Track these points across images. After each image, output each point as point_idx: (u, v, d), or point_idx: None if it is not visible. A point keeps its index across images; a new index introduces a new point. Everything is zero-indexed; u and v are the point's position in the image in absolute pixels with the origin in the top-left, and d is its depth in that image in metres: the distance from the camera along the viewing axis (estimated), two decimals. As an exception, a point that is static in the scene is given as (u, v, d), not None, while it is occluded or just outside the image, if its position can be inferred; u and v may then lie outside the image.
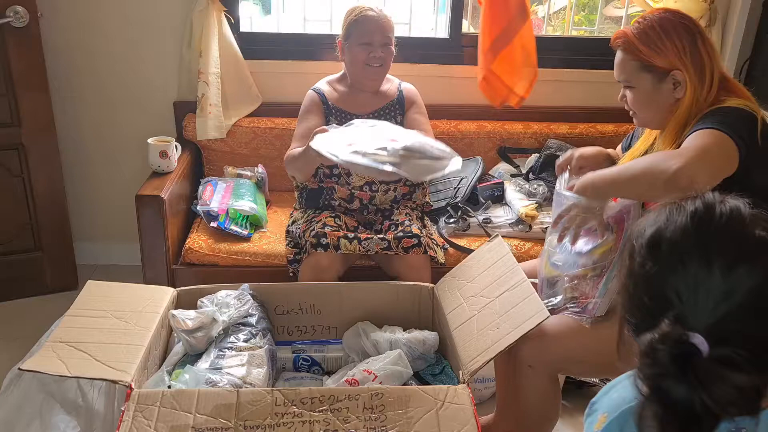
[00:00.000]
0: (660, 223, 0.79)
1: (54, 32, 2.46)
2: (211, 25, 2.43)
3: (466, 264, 1.73)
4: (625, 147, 1.80)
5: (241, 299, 1.63)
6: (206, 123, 2.49)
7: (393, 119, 2.17)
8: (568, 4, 4.11)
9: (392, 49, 2.12)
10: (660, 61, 1.47)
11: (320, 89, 2.20)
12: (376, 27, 2.07)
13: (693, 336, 0.70)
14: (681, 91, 1.47)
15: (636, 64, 1.50)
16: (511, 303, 1.47)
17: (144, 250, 2.15)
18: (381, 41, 2.08)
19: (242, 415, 1.26)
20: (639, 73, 1.50)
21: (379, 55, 2.08)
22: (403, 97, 2.21)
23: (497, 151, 2.67)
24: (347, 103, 2.18)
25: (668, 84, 1.48)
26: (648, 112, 1.55)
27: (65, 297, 2.07)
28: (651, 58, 1.47)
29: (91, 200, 2.74)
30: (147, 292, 1.65)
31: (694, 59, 1.46)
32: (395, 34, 2.14)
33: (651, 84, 1.50)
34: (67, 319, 1.49)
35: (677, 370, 0.70)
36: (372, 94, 2.19)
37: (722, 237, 0.75)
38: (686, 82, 1.46)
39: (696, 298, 0.73)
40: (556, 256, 1.60)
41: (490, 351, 1.39)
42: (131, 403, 1.27)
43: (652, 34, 1.47)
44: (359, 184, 2.13)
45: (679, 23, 1.48)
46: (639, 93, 1.53)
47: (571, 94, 2.72)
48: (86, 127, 2.64)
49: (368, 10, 2.09)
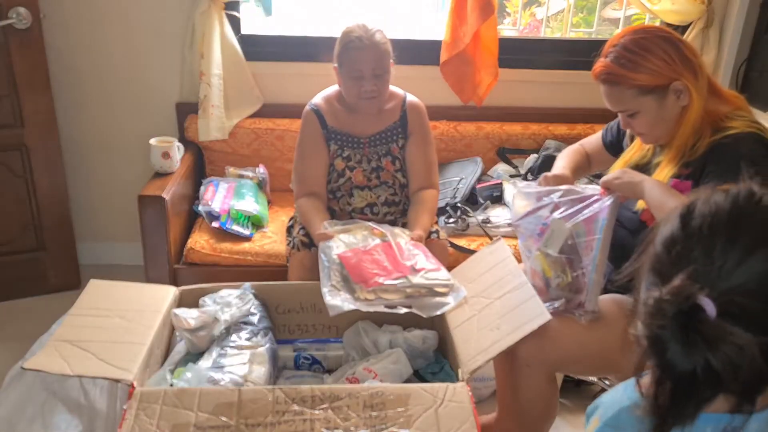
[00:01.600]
0: (700, 197, 0.80)
1: (56, 33, 2.48)
2: (213, 26, 2.45)
3: (467, 265, 1.74)
4: (609, 141, 1.80)
5: (242, 298, 1.64)
6: (208, 124, 2.50)
7: (394, 143, 2.06)
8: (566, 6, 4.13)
9: (387, 78, 1.97)
10: (655, 79, 1.44)
11: (319, 109, 2.05)
12: (365, 59, 1.91)
13: (702, 298, 0.71)
14: (686, 98, 1.45)
15: (632, 92, 1.46)
16: (513, 305, 1.48)
17: (146, 249, 2.17)
18: (372, 73, 1.92)
19: (243, 414, 1.27)
20: (639, 99, 1.47)
21: (371, 89, 1.93)
22: (406, 119, 2.07)
23: (496, 152, 2.69)
24: (346, 124, 2.04)
25: (671, 96, 1.45)
26: (659, 130, 1.51)
27: (68, 296, 2.08)
28: (645, 80, 1.45)
29: (93, 200, 2.75)
30: (149, 292, 1.67)
31: (685, 64, 1.44)
32: (392, 36, 2.02)
33: (655, 104, 1.47)
34: (69, 318, 1.50)
35: (679, 326, 0.70)
36: (374, 115, 2.04)
37: (752, 219, 0.76)
38: (688, 88, 1.44)
39: (711, 267, 0.73)
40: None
41: (491, 351, 1.40)
42: (133, 401, 1.28)
43: (636, 58, 1.44)
44: (360, 205, 2.04)
45: (656, 37, 1.46)
46: (646, 116, 1.49)
47: (569, 96, 2.73)
48: (89, 127, 2.65)
49: (357, 40, 1.91)
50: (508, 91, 2.67)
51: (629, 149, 1.69)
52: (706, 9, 2.52)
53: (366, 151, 2.05)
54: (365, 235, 1.80)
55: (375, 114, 2.05)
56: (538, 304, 1.44)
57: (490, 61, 2.53)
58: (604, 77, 1.49)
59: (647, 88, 1.45)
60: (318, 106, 2.06)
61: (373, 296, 1.59)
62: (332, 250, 1.72)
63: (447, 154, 2.64)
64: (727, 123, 1.44)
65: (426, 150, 2.09)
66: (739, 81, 2.65)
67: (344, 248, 1.73)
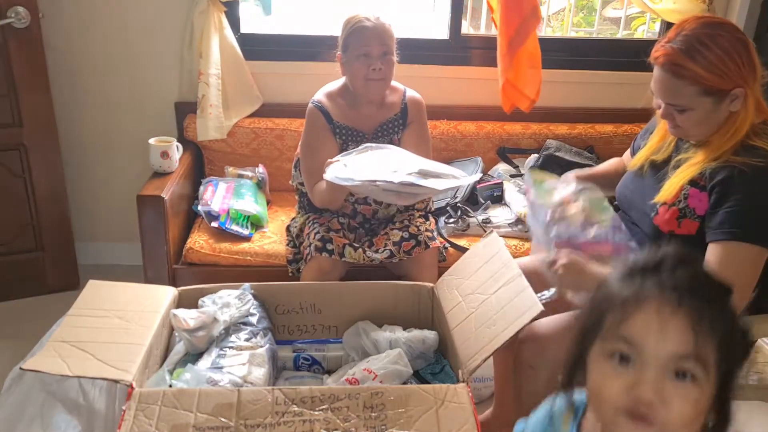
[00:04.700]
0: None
1: (55, 33, 2.47)
2: (212, 26, 2.44)
3: (464, 261, 1.74)
4: (638, 148, 1.72)
5: (241, 299, 1.63)
6: (207, 123, 2.50)
7: (395, 135, 2.10)
8: (567, 5, 4.13)
9: (392, 59, 2.00)
10: (724, 84, 1.37)
11: (322, 104, 2.07)
12: (373, 37, 1.95)
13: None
14: (738, 104, 1.39)
15: (695, 89, 1.38)
16: (507, 299, 1.47)
17: (145, 249, 2.16)
18: (379, 51, 1.96)
19: (243, 414, 1.26)
20: (698, 98, 1.39)
21: (379, 67, 1.96)
22: (406, 111, 2.11)
23: (496, 152, 2.68)
24: (350, 118, 2.08)
25: (727, 101, 1.39)
26: (701, 130, 1.44)
27: (66, 297, 2.07)
28: (714, 83, 1.36)
29: (92, 200, 2.75)
30: (148, 292, 1.66)
31: (752, 71, 1.38)
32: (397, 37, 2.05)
33: (711, 106, 1.39)
34: (68, 318, 1.50)
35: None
36: (376, 107, 2.09)
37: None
38: (746, 97, 1.38)
39: None
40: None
41: (487, 349, 1.40)
42: (132, 402, 1.27)
43: (712, 57, 1.35)
44: (363, 195, 2.06)
45: (734, 38, 1.37)
46: (696, 115, 1.41)
47: (570, 95, 2.73)
48: (87, 127, 2.65)
49: (364, 20, 1.97)
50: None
51: (651, 138, 1.62)
52: (708, 8, 2.52)
53: None
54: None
55: (377, 106, 2.08)
56: (530, 296, 1.43)
57: (534, 62, 2.50)
58: (668, 66, 1.39)
59: (712, 89, 1.37)
60: (321, 102, 2.08)
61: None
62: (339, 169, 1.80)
63: (447, 154, 2.63)
64: (754, 140, 1.39)
65: (420, 141, 2.11)
66: (740, 80, 2.64)
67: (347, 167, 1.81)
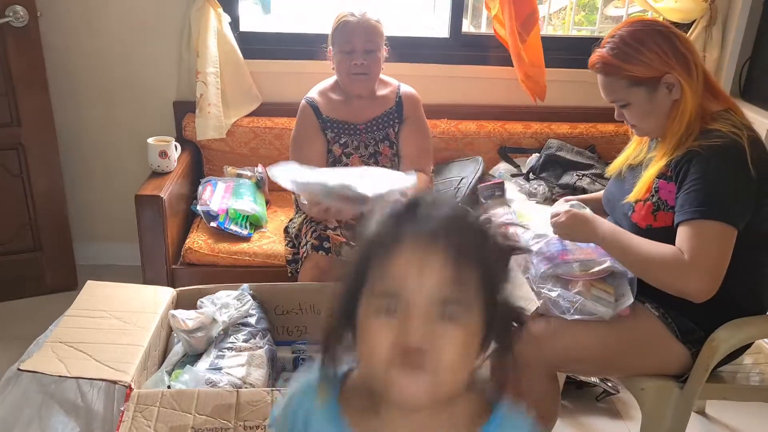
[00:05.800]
0: None
1: (53, 32, 2.46)
2: (209, 24, 2.43)
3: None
4: None
5: (240, 299, 1.63)
6: (205, 123, 2.48)
7: (391, 128, 2.10)
8: (568, 4, 4.12)
9: (378, 56, 1.99)
10: (646, 71, 1.47)
11: (313, 100, 2.10)
12: (356, 32, 1.95)
13: None
14: (677, 92, 1.47)
15: (624, 82, 1.49)
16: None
17: (144, 250, 2.15)
18: (363, 48, 1.96)
19: (242, 416, 1.25)
20: (630, 90, 1.50)
21: (361, 62, 1.96)
22: (401, 105, 2.11)
23: (497, 151, 2.67)
24: (341, 112, 2.08)
25: (662, 90, 1.48)
26: (650, 122, 1.54)
27: (65, 297, 2.06)
28: (636, 72, 1.47)
29: (90, 200, 2.73)
30: (147, 293, 1.66)
31: (678, 59, 1.46)
32: (388, 34, 2.05)
33: (646, 96, 1.49)
34: (66, 319, 1.49)
35: None
36: (368, 101, 2.09)
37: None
38: (679, 82, 1.46)
39: None
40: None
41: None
42: (131, 403, 1.27)
43: (629, 49, 1.47)
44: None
45: (651, 30, 1.48)
46: (636, 108, 1.52)
47: (571, 94, 2.72)
48: (86, 126, 2.64)
49: (349, 16, 1.98)
50: (509, 89, 2.66)
51: (628, 145, 1.70)
52: (709, 7, 2.52)
53: (363, 137, 2.08)
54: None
55: (369, 100, 2.08)
56: (526, 292, 1.44)
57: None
58: (598, 67, 1.53)
59: (638, 79, 1.48)
60: (312, 98, 2.11)
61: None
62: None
63: (448, 153, 2.62)
64: (712, 124, 1.45)
65: (419, 137, 2.11)
66: (742, 79, 2.63)
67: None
